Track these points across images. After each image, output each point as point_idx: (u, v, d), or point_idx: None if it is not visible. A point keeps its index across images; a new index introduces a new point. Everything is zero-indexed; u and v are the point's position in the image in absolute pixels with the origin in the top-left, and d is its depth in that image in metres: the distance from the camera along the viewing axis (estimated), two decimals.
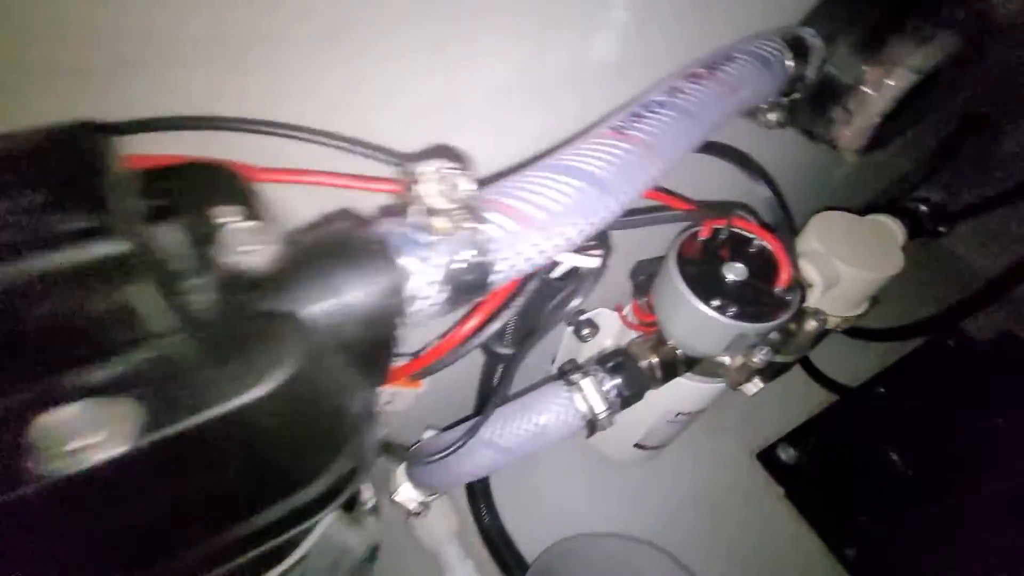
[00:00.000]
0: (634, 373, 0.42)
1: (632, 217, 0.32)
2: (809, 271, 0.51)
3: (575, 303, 0.33)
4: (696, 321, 0.37)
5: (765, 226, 0.39)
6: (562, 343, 0.64)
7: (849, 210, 0.56)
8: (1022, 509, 0.63)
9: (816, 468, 0.80)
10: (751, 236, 0.40)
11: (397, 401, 0.39)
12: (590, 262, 0.33)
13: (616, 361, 0.42)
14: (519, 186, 0.24)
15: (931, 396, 0.91)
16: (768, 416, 0.84)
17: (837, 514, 0.76)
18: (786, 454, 0.81)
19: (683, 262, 0.38)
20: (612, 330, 0.60)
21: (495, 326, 0.31)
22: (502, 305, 0.30)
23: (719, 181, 0.47)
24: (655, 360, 0.43)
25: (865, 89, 0.34)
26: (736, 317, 0.36)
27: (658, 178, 0.27)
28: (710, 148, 0.36)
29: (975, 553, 0.66)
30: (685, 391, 0.49)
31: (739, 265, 0.38)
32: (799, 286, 0.37)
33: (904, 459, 0.81)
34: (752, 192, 0.38)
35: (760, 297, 0.37)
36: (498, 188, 0.24)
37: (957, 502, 0.72)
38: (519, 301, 0.33)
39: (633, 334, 0.50)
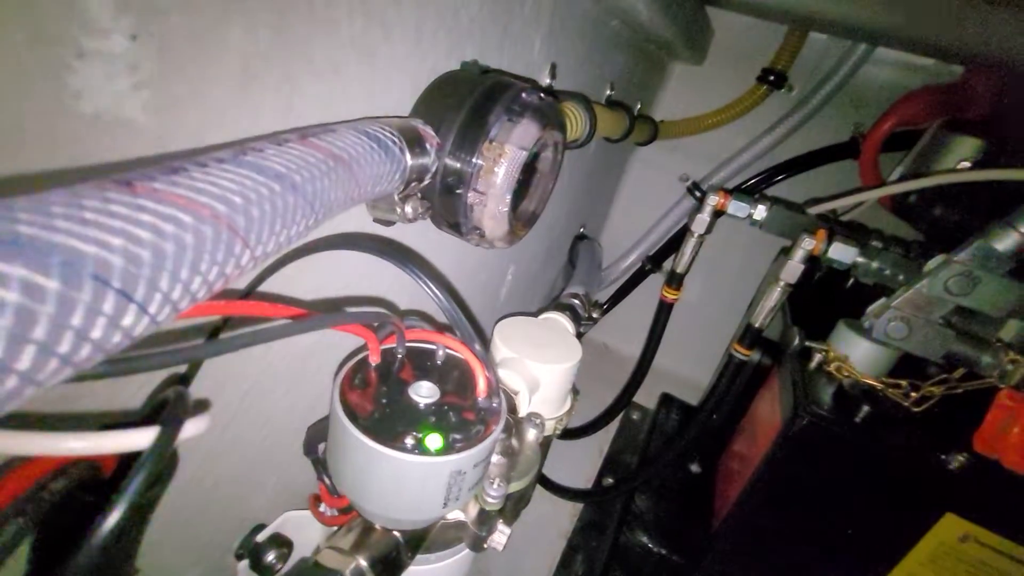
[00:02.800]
0: None
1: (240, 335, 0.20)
2: (512, 379, 0.47)
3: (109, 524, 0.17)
4: (395, 476, 0.25)
5: (446, 331, 0.32)
6: None
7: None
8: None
9: None
10: (432, 345, 0.32)
11: None
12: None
13: None
14: None
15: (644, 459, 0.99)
16: (527, 556, 0.75)
17: None
18: None
19: (354, 403, 0.27)
20: (313, 537, 0.42)
21: None
22: None
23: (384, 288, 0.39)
24: (363, 563, 0.29)
25: (485, 170, 0.33)
26: (446, 450, 0.25)
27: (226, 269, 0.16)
28: (346, 242, 0.28)
29: None
30: None
31: (425, 384, 0.29)
32: (499, 389, 0.30)
33: (654, 538, 0.83)
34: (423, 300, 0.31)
35: (462, 415, 0.28)
36: None
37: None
38: None
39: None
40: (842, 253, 0.55)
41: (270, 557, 0.40)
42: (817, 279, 0.81)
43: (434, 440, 0.25)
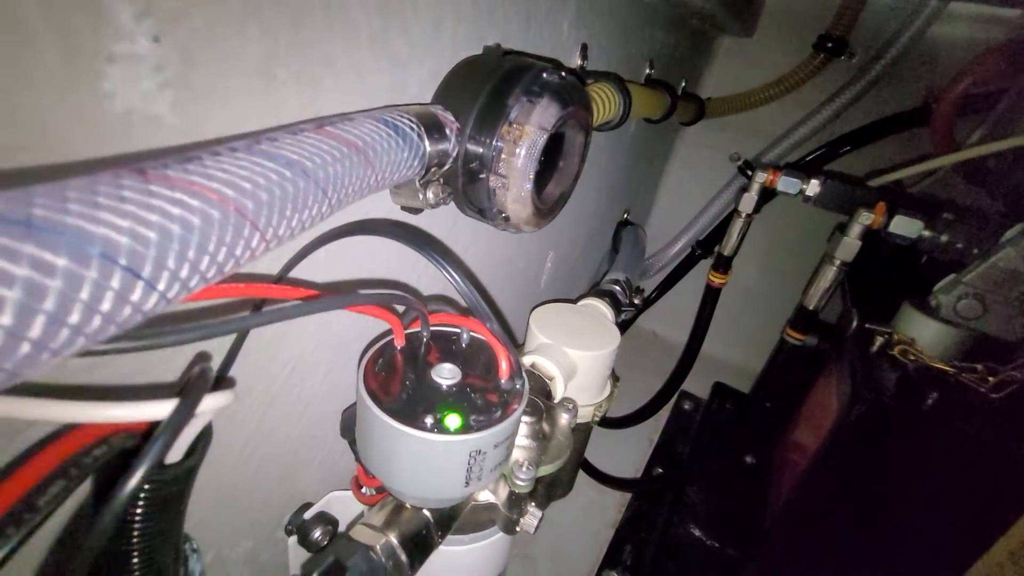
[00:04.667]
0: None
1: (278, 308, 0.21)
2: (546, 366, 0.47)
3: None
4: (416, 455, 0.26)
5: (468, 314, 0.33)
6: (289, 558, 0.44)
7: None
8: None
9: None
10: (457, 329, 0.32)
11: None
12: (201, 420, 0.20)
13: (326, 566, 0.26)
14: None
15: (697, 449, 0.96)
16: (574, 544, 0.75)
17: None
18: None
19: (378, 385, 0.27)
20: (354, 517, 0.44)
21: None
22: None
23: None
24: (394, 540, 0.29)
25: (506, 153, 0.33)
26: (464, 429, 0.26)
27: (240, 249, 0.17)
28: (364, 228, 0.29)
29: None
30: (457, 564, 0.36)
31: (448, 366, 0.29)
32: (521, 371, 0.30)
33: (706, 530, 0.80)
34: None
35: (485, 396, 0.28)
36: None
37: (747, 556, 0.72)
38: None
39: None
40: (905, 227, 0.50)
41: (316, 534, 0.42)
42: (884, 257, 0.75)
43: (453, 420, 0.26)
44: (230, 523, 0.37)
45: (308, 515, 0.43)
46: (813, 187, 0.59)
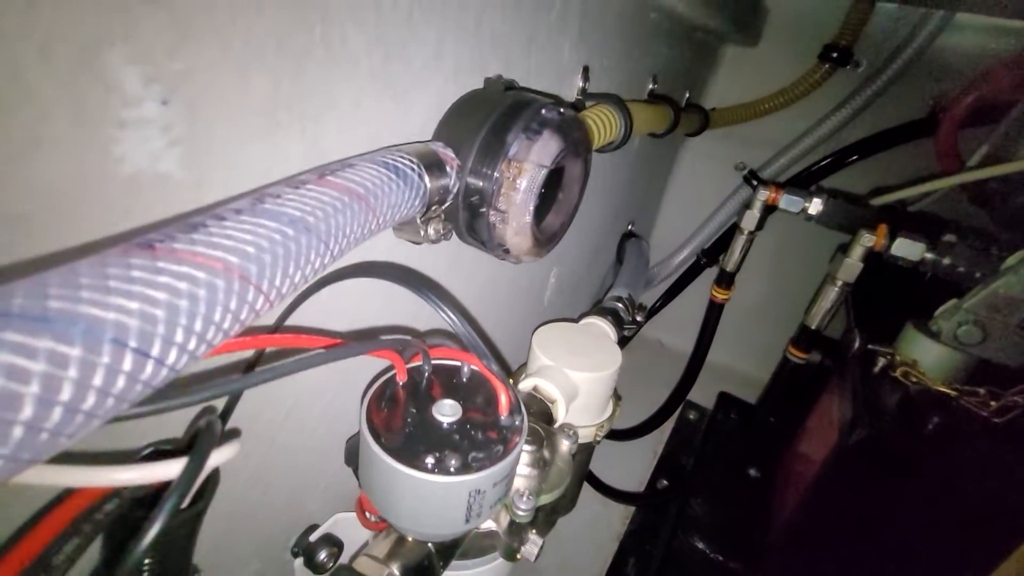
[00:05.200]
0: None
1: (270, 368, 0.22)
2: (548, 389, 0.47)
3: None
4: (416, 494, 0.27)
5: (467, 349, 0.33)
6: None
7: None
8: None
9: None
10: (459, 364, 0.33)
11: None
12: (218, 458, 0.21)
13: None
14: None
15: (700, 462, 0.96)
16: (578, 557, 0.75)
17: None
18: None
19: (380, 422, 0.28)
20: (362, 538, 0.45)
21: None
22: None
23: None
24: (396, 572, 0.30)
25: (505, 188, 0.33)
26: (461, 470, 0.26)
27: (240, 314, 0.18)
28: (362, 271, 0.29)
29: None
30: None
31: (448, 403, 0.30)
32: (520, 406, 0.31)
33: (711, 543, 0.80)
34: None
35: (485, 433, 0.29)
36: None
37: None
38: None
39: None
40: (907, 250, 0.50)
41: (322, 556, 0.43)
42: (888, 275, 0.75)
43: (453, 460, 0.26)
44: (238, 547, 0.38)
45: (314, 537, 0.44)
46: (815, 206, 0.59)
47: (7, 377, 0.12)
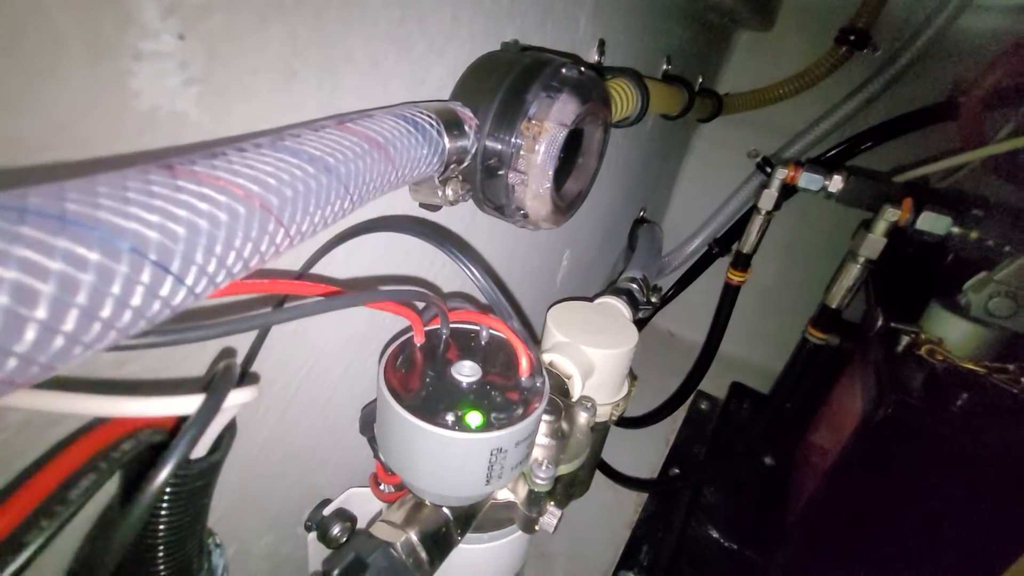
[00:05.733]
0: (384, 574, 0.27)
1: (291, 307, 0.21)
2: (564, 364, 0.46)
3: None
4: (437, 453, 0.26)
5: (488, 311, 0.32)
6: (309, 553, 0.44)
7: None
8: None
9: None
10: (476, 326, 0.32)
11: None
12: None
13: (347, 563, 0.26)
14: None
15: (714, 450, 0.95)
16: (590, 544, 0.74)
17: None
18: None
19: (398, 382, 0.27)
20: (375, 512, 0.44)
21: None
22: None
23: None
24: (414, 537, 0.29)
25: (525, 149, 0.32)
26: (486, 427, 0.26)
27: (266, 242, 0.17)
28: (385, 224, 0.29)
29: None
30: (475, 562, 0.36)
31: (468, 363, 0.29)
32: (542, 368, 0.30)
33: (724, 532, 0.79)
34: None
35: (505, 393, 0.28)
36: None
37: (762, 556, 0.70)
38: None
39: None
40: (934, 224, 0.49)
41: (336, 530, 0.42)
42: (909, 254, 0.73)
43: (474, 417, 0.26)
44: (252, 518, 0.37)
45: (327, 511, 0.43)
46: (836, 183, 0.58)
47: (23, 271, 0.11)
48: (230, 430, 0.23)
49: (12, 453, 0.19)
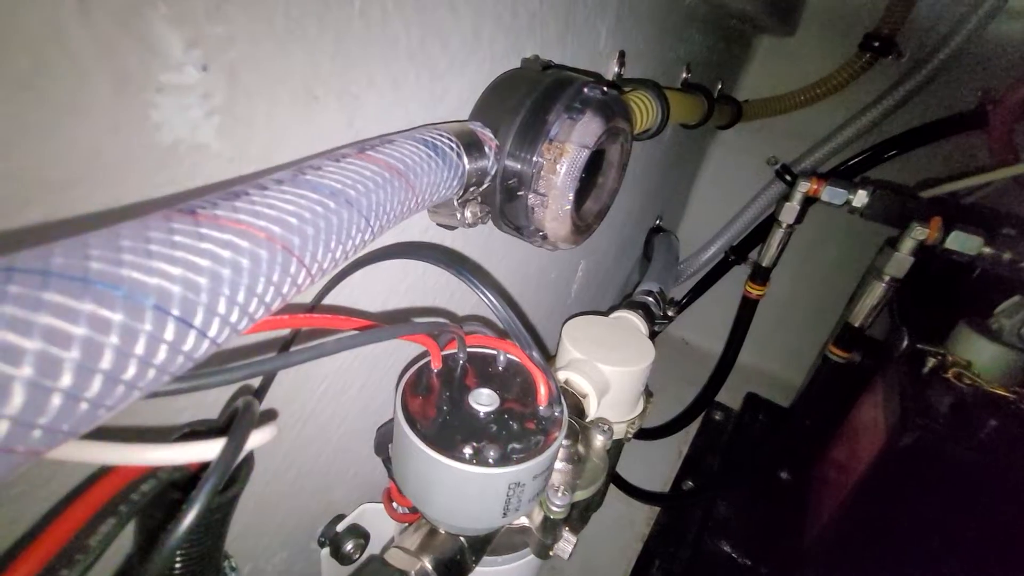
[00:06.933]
0: None
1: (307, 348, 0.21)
2: (580, 383, 0.46)
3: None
4: (453, 486, 0.25)
5: (504, 335, 0.32)
6: (322, 570, 0.44)
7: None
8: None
9: None
10: (494, 352, 0.32)
11: None
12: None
13: None
14: None
15: (726, 466, 0.93)
16: (602, 557, 0.73)
17: None
18: None
19: (415, 410, 0.27)
20: (388, 529, 0.44)
21: None
22: None
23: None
24: (428, 565, 0.29)
25: (546, 171, 0.32)
26: (500, 462, 0.25)
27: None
28: (401, 251, 0.28)
29: None
30: None
31: (486, 391, 0.29)
32: (560, 397, 0.29)
33: (738, 547, 0.78)
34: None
35: (523, 424, 0.28)
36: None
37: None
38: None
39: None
40: (964, 243, 0.48)
41: (348, 546, 0.42)
42: (934, 273, 0.71)
43: (492, 451, 0.25)
44: (266, 536, 0.37)
45: (340, 527, 0.43)
46: (861, 198, 0.56)
47: (47, 341, 0.11)
48: (248, 462, 0.22)
49: (30, 501, 0.19)
